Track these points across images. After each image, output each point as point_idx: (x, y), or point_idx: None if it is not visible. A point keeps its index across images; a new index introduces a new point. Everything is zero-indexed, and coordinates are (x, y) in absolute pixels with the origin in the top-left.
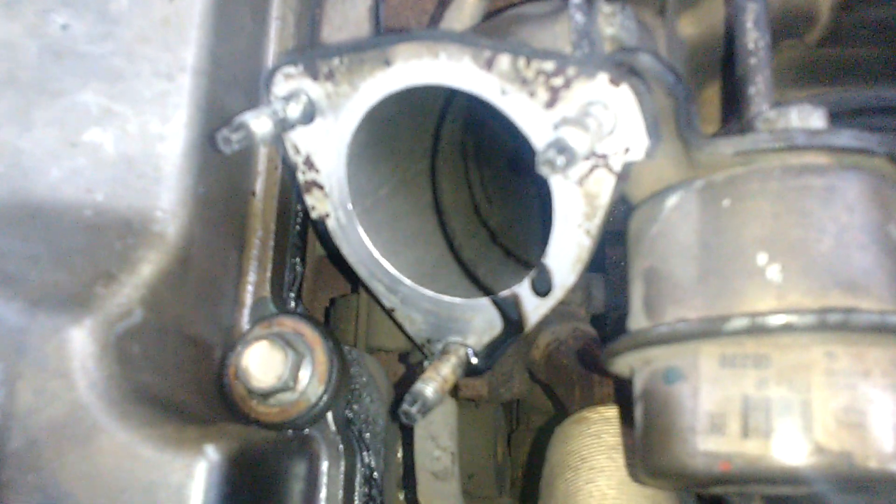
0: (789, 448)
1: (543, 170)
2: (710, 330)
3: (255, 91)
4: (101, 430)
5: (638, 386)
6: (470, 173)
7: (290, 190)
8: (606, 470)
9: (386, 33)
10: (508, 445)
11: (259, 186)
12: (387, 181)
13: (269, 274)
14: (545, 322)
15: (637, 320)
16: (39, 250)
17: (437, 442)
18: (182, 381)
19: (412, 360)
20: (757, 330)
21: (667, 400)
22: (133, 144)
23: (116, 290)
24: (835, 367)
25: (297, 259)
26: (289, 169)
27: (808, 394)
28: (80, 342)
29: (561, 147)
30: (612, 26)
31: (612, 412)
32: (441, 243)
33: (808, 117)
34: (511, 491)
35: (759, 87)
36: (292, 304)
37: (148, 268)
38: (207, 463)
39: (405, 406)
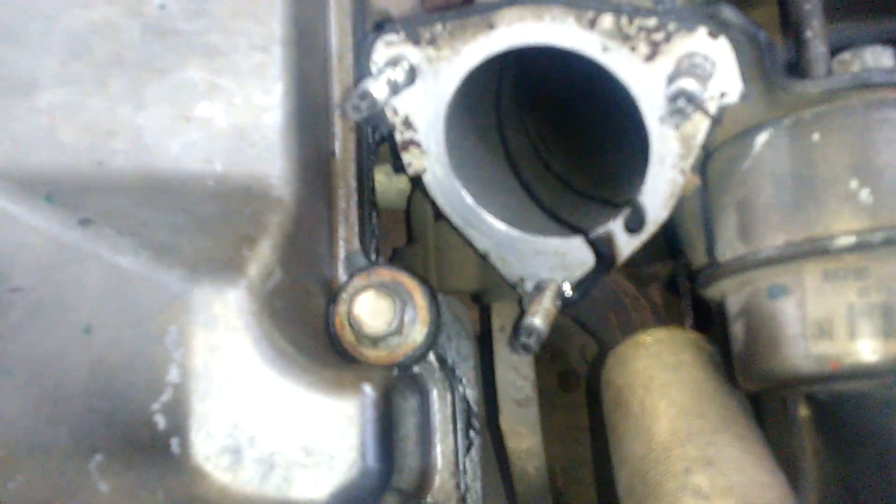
0: (892, 345)
1: (673, 118)
2: (815, 249)
3: (321, 58)
4: (273, 380)
5: (735, 306)
6: (526, 120)
7: (364, 148)
8: (676, 384)
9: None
10: None
11: (338, 147)
12: (470, 134)
13: (355, 228)
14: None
15: (732, 248)
16: (180, 220)
17: (519, 371)
18: (313, 331)
19: (484, 299)
20: (860, 246)
21: (773, 313)
22: (241, 116)
23: (259, 252)
24: None
25: (374, 215)
26: (361, 129)
27: None
28: (243, 301)
29: (688, 96)
30: None
31: (662, 333)
32: (519, 189)
33: (881, 56)
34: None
35: (815, 30)
36: (374, 255)
37: (277, 230)
38: (367, 401)
39: (522, 339)
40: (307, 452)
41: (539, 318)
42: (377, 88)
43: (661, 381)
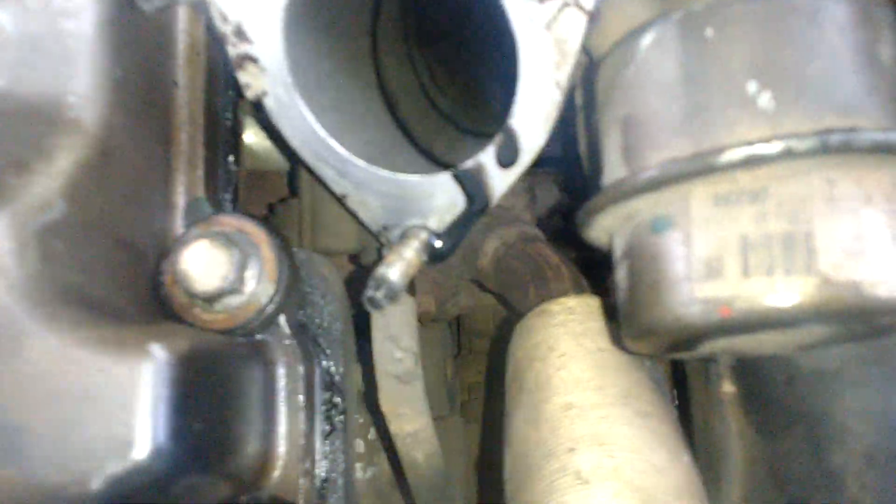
0: (794, 283)
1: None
2: (702, 167)
3: None
4: (28, 334)
5: (619, 247)
6: (413, 54)
7: (218, 80)
8: (577, 355)
9: None
10: (456, 370)
11: (181, 75)
12: (328, 56)
13: (201, 172)
14: (489, 228)
15: (614, 173)
16: None
17: (398, 343)
18: (115, 284)
19: (363, 260)
20: (753, 161)
21: (655, 251)
22: (36, 22)
23: (30, 179)
24: (836, 193)
25: (232, 158)
26: (213, 56)
27: (811, 224)
28: None
29: None
30: None
31: (573, 301)
32: (390, 125)
33: None
34: (462, 411)
35: None
36: (229, 207)
37: (65, 156)
38: (154, 363)
39: (369, 292)
40: (70, 426)
41: (394, 269)
42: None
43: (560, 352)
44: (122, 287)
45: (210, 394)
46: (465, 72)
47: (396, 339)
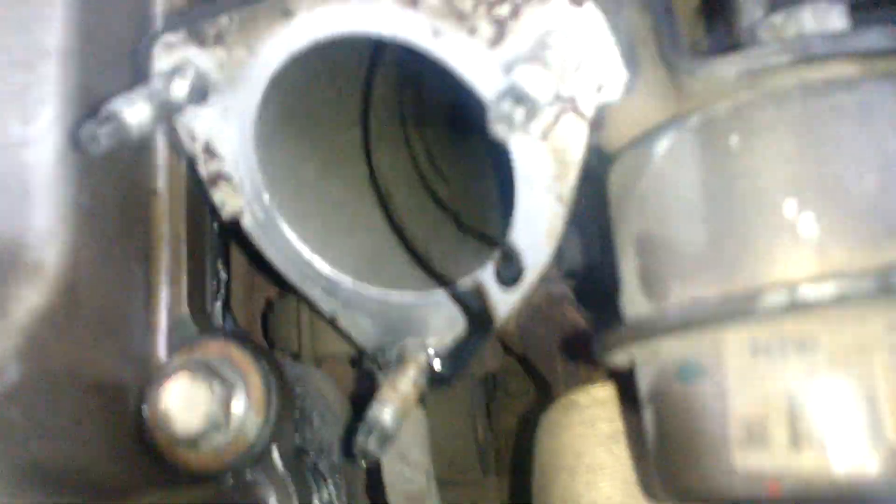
0: (855, 456)
1: (498, 129)
2: (737, 311)
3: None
4: None
5: (644, 384)
6: (410, 137)
7: (202, 183)
8: (607, 467)
9: None
10: (489, 416)
11: (161, 183)
12: (309, 159)
13: (185, 287)
14: None
15: (634, 302)
16: None
17: (408, 460)
18: (86, 439)
19: (368, 363)
20: (796, 306)
21: (686, 403)
22: None
23: None
24: None
25: (220, 263)
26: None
27: (872, 381)
28: None
29: (517, 95)
30: None
31: (604, 392)
32: (383, 226)
33: (826, 17)
34: (496, 463)
35: None
36: (219, 318)
37: (22, 308)
38: None
39: (360, 440)
40: None
41: (388, 410)
42: (132, 111)
43: (589, 462)
44: (95, 438)
45: None
46: (468, 156)
47: (406, 455)
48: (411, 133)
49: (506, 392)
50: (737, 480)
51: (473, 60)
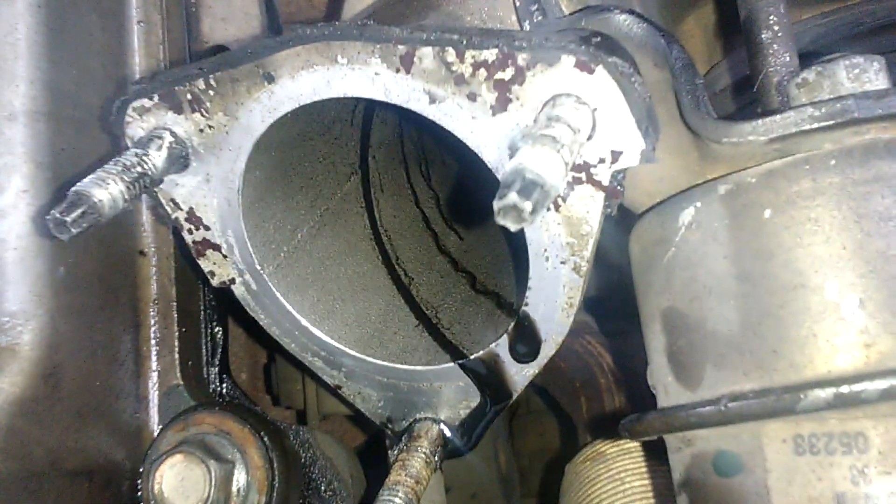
0: None
1: (507, 222)
2: (779, 409)
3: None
4: None
5: (677, 468)
6: (414, 182)
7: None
8: None
9: (265, 37)
10: (511, 436)
11: (148, 243)
12: (305, 219)
13: (177, 354)
14: None
15: (663, 381)
16: None
17: None
18: None
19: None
20: (843, 402)
21: (723, 498)
22: None
23: None
24: None
25: (215, 324)
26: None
27: None
28: None
29: (526, 185)
30: None
31: (632, 444)
32: (388, 285)
33: (864, 73)
34: (520, 483)
35: (773, 31)
36: (216, 383)
37: None
38: None
39: None
40: None
41: (401, 497)
42: (102, 191)
43: None
44: None
45: None
46: (479, 202)
47: None
48: (415, 177)
49: (528, 409)
50: None
51: (476, 127)
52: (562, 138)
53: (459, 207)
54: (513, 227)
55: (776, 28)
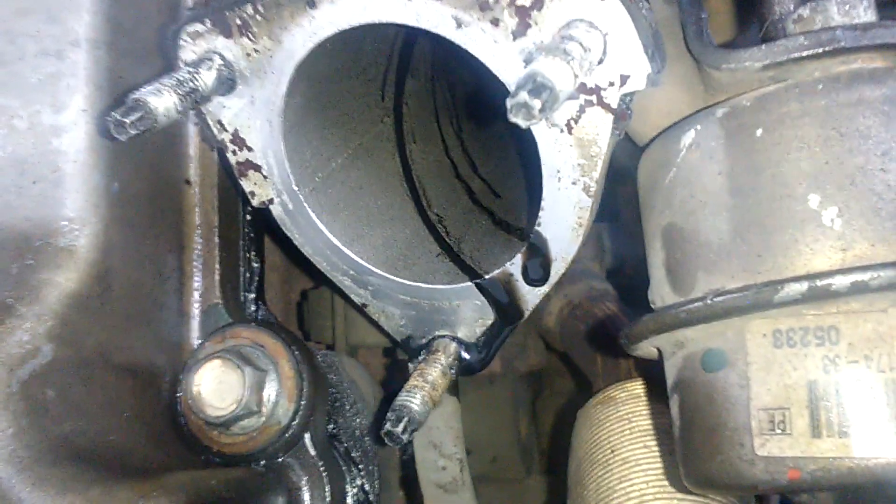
0: (875, 444)
1: (518, 118)
2: (759, 302)
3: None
4: (13, 502)
5: (670, 373)
6: (444, 129)
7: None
8: (642, 462)
9: None
10: (533, 414)
11: (193, 173)
12: (340, 151)
13: (217, 276)
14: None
15: (661, 293)
16: None
17: (442, 450)
18: (119, 422)
19: (401, 355)
20: (820, 295)
21: (710, 392)
22: (23, 143)
23: (14, 325)
24: None
25: (253, 253)
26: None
27: (892, 369)
28: None
29: (536, 86)
30: None
31: (641, 387)
32: (415, 217)
33: (853, 9)
34: (540, 462)
35: None
36: (252, 307)
37: (54, 292)
38: None
39: (388, 427)
40: None
41: (418, 398)
42: (158, 100)
43: (624, 457)
44: (129, 421)
45: None
46: (502, 150)
47: (440, 445)
48: (445, 126)
49: (552, 391)
50: (758, 468)
51: (498, 51)
52: (573, 52)
53: (485, 155)
54: (523, 124)
55: None
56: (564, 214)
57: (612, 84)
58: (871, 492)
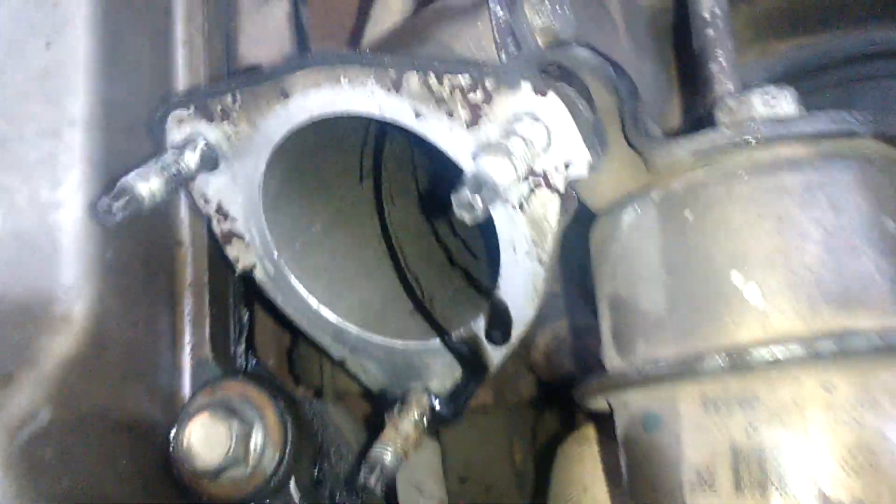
0: (789, 501)
1: (460, 212)
2: (686, 370)
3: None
4: None
5: (619, 429)
6: (423, 192)
7: None
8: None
9: (283, 62)
10: (534, 441)
11: (185, 235)
12: (319, 216)
13: (207, 331)
14: (542, 317)
15: (609, 355)
16: None
17: (423, 490)
18: (115, 475)
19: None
20: (738, 367)
21: (649, 451)
22: (23, 218)
23: (14, 391)
24: (835, 400)
25: (243, 308)
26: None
27: (806, 436)
28: None
29: (477, 183)
30: (541, 15)
31: None
32: (391, 275)
33: (775, 102)
34: (536, 489)
35: (720, 64)
36: (241, 360)
37: (51, 359)
38: None
39: (362, 478)
40: None
41: (391, 452)
42: (144, 185)
43: (593, 496)
44: (125, 472)
45: None
46: None
47: (421, 486)
48: (424, 188)
49: (550, 406)
50: None
51: (454, 138)
52: (515, 149)
53: None
54: (468, 220)
55: (722, 62)
56: (521, 282)
57: (557, 169)
58: None
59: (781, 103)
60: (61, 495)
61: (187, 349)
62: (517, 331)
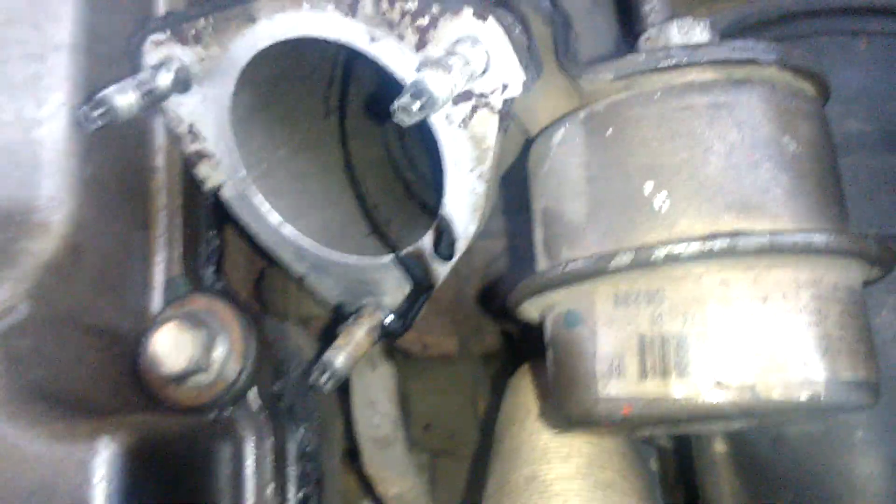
0: (688, 386)
1: (400, 116)
2: (598, 268)
3: None
4: None
5: (546, 332)
6: (386, 128)
7: None
8: (551, 421)
9: None
10: (498, 392)
11: (160, 160)
12: (285, 143)
13: (179, 251)
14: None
15: (540, 265)
16: None
17: (377, 408)
18: (86, 373)
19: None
20: (643, 264)
21: (569, 345)
22: (9, 133)
23: None
24: (730, 295)
25: (213, 233)
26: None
27: (704, 327)
28: None
29: (417, 91)
30: None
31: None
32: (351, 202)
33: (691, 31)
34: None
35: (654, 3)
36: (210, 280)
37: (30, 259)
38: (103, 456)
39: (314, 377)
40: None
41: (342, 356)
42: (122, 97)
43: (536, 415)
44: (94, 373)
45: (168, 479)
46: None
47: (375, 403)
48: (387, 125)
49: (512, 372)
50: (601, 406)
51: (404, 62)
52: (453, 67)
53: (421, 148)
54: (405, 123)
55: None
56: (463, 198)
57: (494, 91)
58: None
59: (696, 31)
60: (33, 385)
61: (159, 267)
62: (460, 246)
